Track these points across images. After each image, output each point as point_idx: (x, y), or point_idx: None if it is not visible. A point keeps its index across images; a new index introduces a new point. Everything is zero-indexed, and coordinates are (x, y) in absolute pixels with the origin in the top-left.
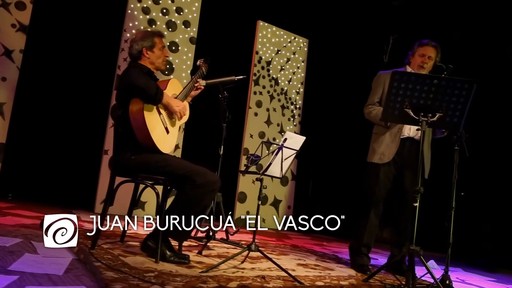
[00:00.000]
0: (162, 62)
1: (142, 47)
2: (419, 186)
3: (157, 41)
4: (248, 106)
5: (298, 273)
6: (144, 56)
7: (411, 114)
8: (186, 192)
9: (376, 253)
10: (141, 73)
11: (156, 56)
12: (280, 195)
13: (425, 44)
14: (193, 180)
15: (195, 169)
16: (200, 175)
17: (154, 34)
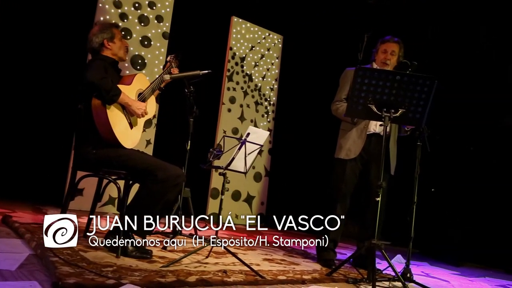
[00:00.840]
0: (124, 53)
1: (103, 39)
2: (381, 181)
3: (116, 32)
4: (221, 102)
5: (262, 268)
6: (105, 47)
7: (374, 109)
8: (148, 187)
9: (345, 248)
10: (102, 68)
11: (118, 46)
12: (253, 191)
13: (387, 41)
14: (154, 174)
15: (156, 163)
16: (161, 169)
17: (111, 25)
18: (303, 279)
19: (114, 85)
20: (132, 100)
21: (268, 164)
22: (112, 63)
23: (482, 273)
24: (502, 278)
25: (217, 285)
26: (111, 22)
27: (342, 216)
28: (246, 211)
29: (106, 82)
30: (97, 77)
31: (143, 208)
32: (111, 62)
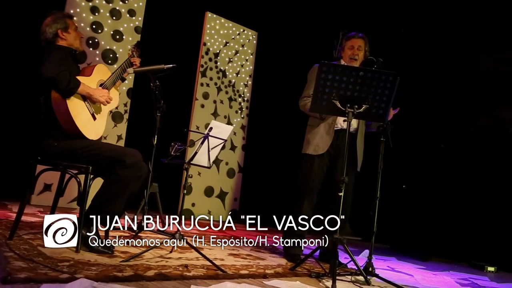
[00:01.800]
0: (79, 44)
1: (57, 29)
2: (344, 177)
3: (69, 23)
4: (194, 97)
5: (226, 263)
6: (60, 38)
7: (338, 105)
8: (117, 173)
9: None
10: (59, 60)
11: (73, 37)
12: (226, 187)
13: (352, 37)
14: (122, 160)
15: (123, 149)
16: (129, 155)
17: (64, 15)
18: (265, 273)
19: (72, 77)
20: (93, 89)
21: (242, 160)
22: (70, 52)
23: (446, 267)
24: (465, 272)
25: (176, 279)
26: (64, 13)
27: (309, 211)
28: (219, 207)
29: (63, 75)
30: (53, 72)
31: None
32: (69, 52)
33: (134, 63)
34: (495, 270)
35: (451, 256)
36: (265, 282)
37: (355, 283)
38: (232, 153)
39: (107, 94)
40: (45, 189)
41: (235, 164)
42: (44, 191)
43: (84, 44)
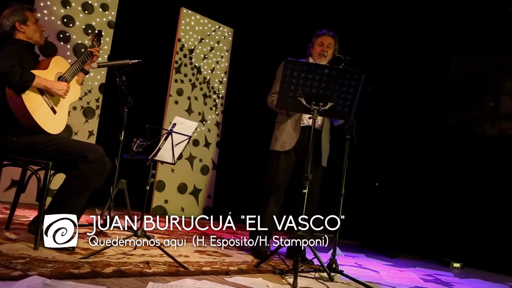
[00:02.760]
0: (40, 37)
1: (15, 22)
2: (308, 173)
3: (29, 15)
4: (168, 94)
5: (190, 260)
6: (18, 31)
7: (303, 102)
8: (79, 169)
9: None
10: (11, 54)
11: (32, 30)
12: (200, 184)
13: (322, 34)
14: (84, 155)
15: (85, 145)
16: (92, 150)
17: (24, 8)
18: (228, 270)
19: (26, 71)
20: (50, 82)
21: (216, 157)
22: (27, 46)
23: (414, 264)
24: (432, 268)
25: (134, 276)
26: (23, 5)
27: (275, 208)
28: (193, 204)
29: (15, 70)
30: (4, 66)
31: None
32: (25, 45)
33: (94, 53)
34: (460, 266)
35: (420, 253)
36: (226, 279)
37: (318, 279)
38: (206, 150)
39: (66, 87)
40: (12, 185)
41: (209, 161)
42: (11, 187)
43: (54, 37)
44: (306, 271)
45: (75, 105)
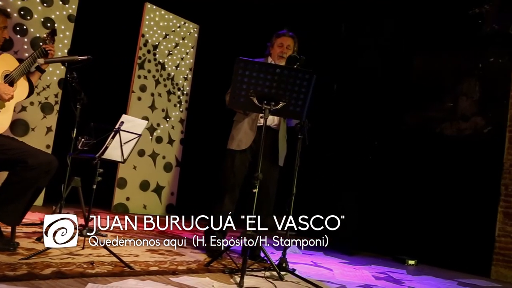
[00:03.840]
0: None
1: None
2: (258, 173)
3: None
4: (131, 90)
5: (139, 259)
6: None
7: (255, 102)
8: (18, 174)
9: None
10: None
11: None
12: (163, 181)
13: (282, 35)
14: (25, 161)
15: (27, 150)
16: (32, 156)
17: None
18: (176, 269)
19: None
20: None
21: (180, 154)
22: None
23: (370, 261)
24: (387, 266)
25: (74, 277)
26: None
27: (230, 207)
28: (155, 201)
29: None
30: None
31: (11, 195)
32: None
33: (49, 51)
34: (415, 263)
35: (378, 250)
36: (172, 279)
37: (268, 278)
38: (170, 147)
39: (11, 93)
40: None
41: (173, 158)
42: None
43: (10, 30)
44: (257, 270)
45: (32, 100)
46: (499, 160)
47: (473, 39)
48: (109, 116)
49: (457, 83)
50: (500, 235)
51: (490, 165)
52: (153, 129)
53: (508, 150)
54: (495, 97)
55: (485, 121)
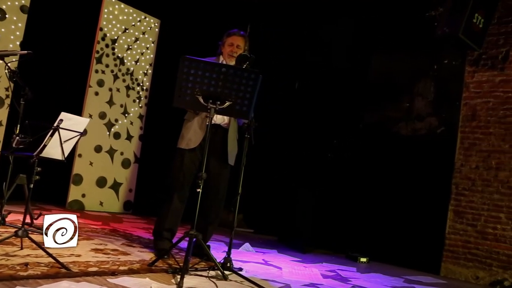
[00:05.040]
0: None
1: None
2: (202, 173)
3: None
4: (88, 84)
5: (80, 259)
6: None
7: (201, 100)
8: None
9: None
10: None
11: None
12: (120, 178)
13: (233, 34)
14: None
15: None
16: None
17: None
18: (117, 270)
19: None
20: None
21: (138, 150)
22: None
23: (323, 259)
24: (339, 263)
25: (3, 280)
26: None
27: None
28: (112, 198)
29: None
30: None
31: None
32: None
33: None
34: (367, 260)
35: (332, 248)
36: (110, 280)
37: (212, 278)
38: (128, 143)
39: None
40: None
41: (131, 154)
42: None
43: None
44: (202, 270)
45: None
46: (450, 159)
47: (429, 41)
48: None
49: (413, 84)
50: (450, 232)
51: (443, 164)
52: (111, 124)
53: (459, 150)
54: (448, 98)
55: (438, 121)
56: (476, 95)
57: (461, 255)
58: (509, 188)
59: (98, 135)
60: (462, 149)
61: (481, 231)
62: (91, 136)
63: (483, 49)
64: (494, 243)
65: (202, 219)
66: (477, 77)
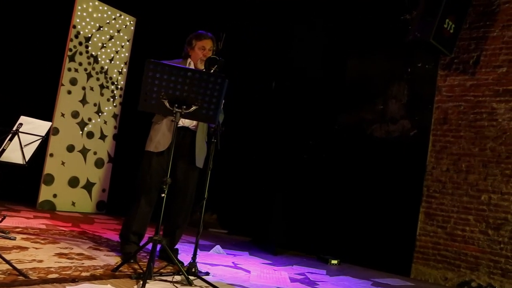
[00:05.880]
0: None
1: None
2: (167, 178)
3: None
4: (60, 83)
5: (42, 265)
6: None
7: (167, 105)
8: None
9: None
10: None
11: None
12: (93, 178)
13: (203, 37)
14: None
15: None
16: None
17: None
18: (78, 276)
19: None
20: None
21: (112, 150)
22: None
23: (293, 261)
24: (310, 266)
25: None
26: None
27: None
28: (85, 198)
29: None
30: None
31: None
32: None
33: None
34: (338, 263)
35: (305, 249)
36: (69, 287)
37: (176, 283)
38: (102, 142)
39: None
40: None
41: (105, 154)
42: None
43: None
44: (167, 274)
45: None
46: (422, 162)
47: (404, 44)
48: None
49: (387, 86)
50: (420, 234)
51: (415, 167)
52: (84, 124)
53: (431, 153)
54: (421, 101)
55: (411, 124)
56: (448, 99)
57: (431, 256)
58: (478, 191)
59: (71, 135)
60: (434, 152)
61: (451, 233)
62: (63, 135)
63: (455, 53)
64: (463, 244)
65: (170, 222)
66: (449, 81)
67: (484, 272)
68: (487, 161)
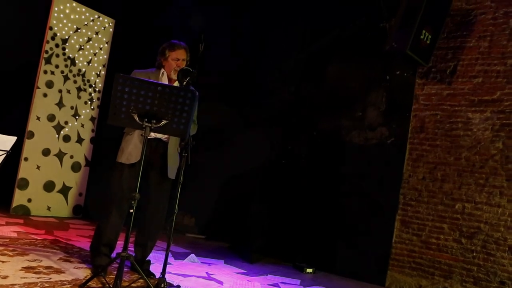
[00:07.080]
0: None
1: None
2: (135, 193)
3: None
4: (36, 86)
5: (6, 282)
6: None
7: (136, 119)
8: None
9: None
10: None
11: None
12: (70, 182)
13: (177, 47)
14: None
15: None
16: None
17: None
18: None
19: None
20: None
21: (90, 153)
22: None
23: (268, 270)
24: (285, 275)
25: None
26: None
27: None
28: (61, 203)
29: None
30: None
31: None
32: None
33: None
34: (313, 271)
35: (281, 257)
36: None
37: None
38: (79, 146)
39: None
40: None
41: (82, 158)
42: None
43: None
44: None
45: None
46: (399, 170)
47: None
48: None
49: (366, 93)
50: (396, 241)
51: (392, 174)
52: (60, 127)
53: (407, 161)
54: (399, 109)
55: (389, 132)
56: (425, 108)
57: (406, 264)
58: (453, 199)
59: (46, 138)
60: (411, 160)
61: (425, 241)
62: (39, 139)
63: (432, 62)
64: (437, 252)
65: (142, 233)
66: (427, 89)
67: (457, 280)
68: (462, 170)
